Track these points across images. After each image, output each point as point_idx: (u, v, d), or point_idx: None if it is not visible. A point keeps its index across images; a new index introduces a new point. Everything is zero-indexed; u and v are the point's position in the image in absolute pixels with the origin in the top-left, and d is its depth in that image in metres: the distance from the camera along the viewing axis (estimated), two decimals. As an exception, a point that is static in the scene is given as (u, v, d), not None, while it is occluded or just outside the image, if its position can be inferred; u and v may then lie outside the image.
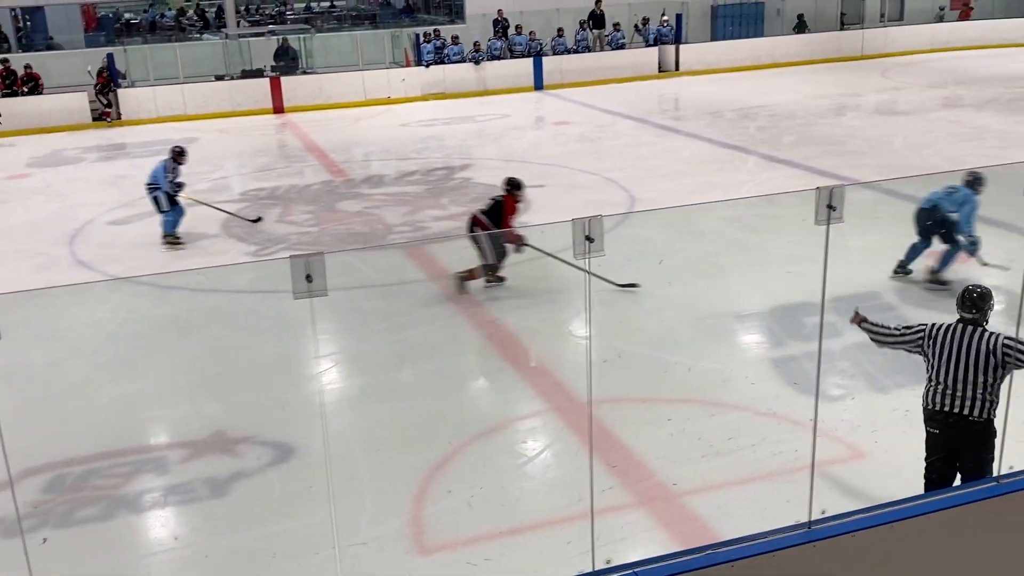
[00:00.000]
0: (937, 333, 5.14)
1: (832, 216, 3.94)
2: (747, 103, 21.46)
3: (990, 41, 28.81)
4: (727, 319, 8.93)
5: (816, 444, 4.71)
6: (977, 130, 17.27)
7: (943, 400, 5.06)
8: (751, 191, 13.59)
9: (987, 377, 4.96)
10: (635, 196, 13.56)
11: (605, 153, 17.02)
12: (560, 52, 26.19)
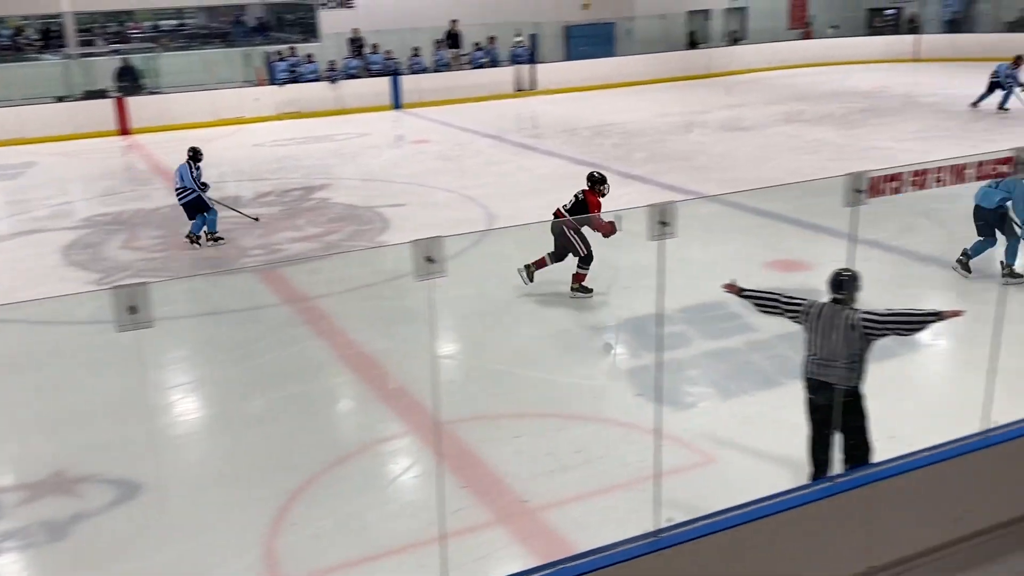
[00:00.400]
0: (812, 310, 5.62)
1: (665, 232, 4.04)
2: (601, 121, 21.97)
3: (826, 59, 30.44)
4: (582, 333, 9.07)
5: (664, 452, 4.83)
6: (815, 143, 18.16)
7: (817, 370, 5.60)
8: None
9: (852, 350, 5.46)
10: (494, 213, 13.66)
11: (464, 171, 17.11)
12: (417, 71, 26.24)
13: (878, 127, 19.72)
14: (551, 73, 27.48)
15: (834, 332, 5.49)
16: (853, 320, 5.45)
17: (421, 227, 12.31)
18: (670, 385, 7.52)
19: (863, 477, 4.93)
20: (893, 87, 25.56)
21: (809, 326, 5.62)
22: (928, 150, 16.29)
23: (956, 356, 8.30)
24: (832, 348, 5.50)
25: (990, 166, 4.69)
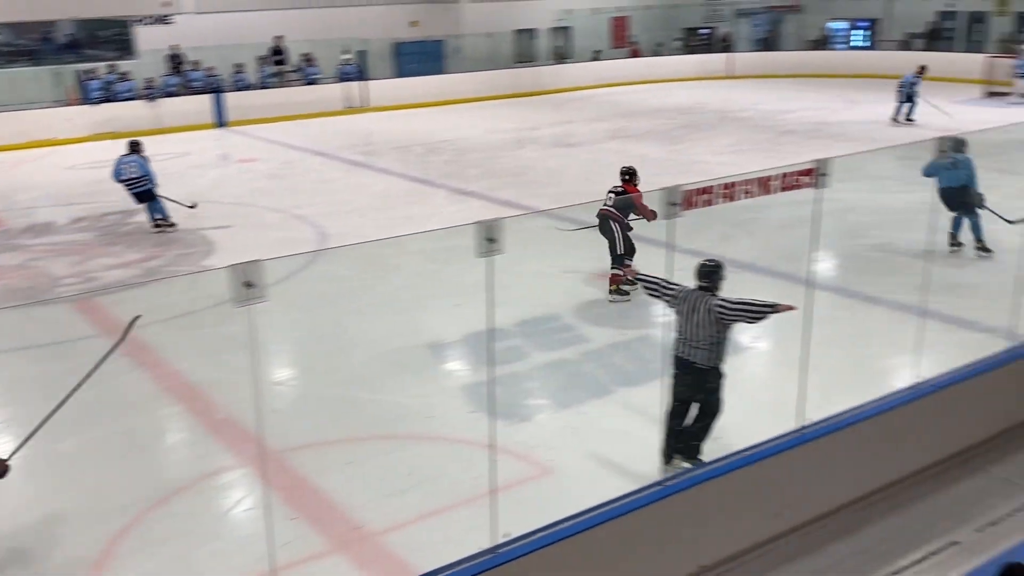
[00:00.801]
0: (681, 295, 6.14)
1: (493, 248, 4.06)
2: (433, 138, 22.01)
3: (647, 77, 31.57)
4: (420, 351, 9.01)
5: (500, 467, 4.84)
6: (639, 158, 18.67)
7: (683, 349, 6.12)
8: (440, 223, 13.89)
9: (710, 333, 5.98)
10: (326, 232, 13.42)
11: (294, 190, 16.73)
12: (242, 88, 25.56)
13: (697, 141, 20.59)
14: (381, 90, 27.34)
15: (696, 316, 6.02)
16: (710, 306, 5.97)
17: (249, 249, 11.94)
18: (506, 399, 7.56)
19: (691, 479, 5.10)
20: (709, 103, 26.76)
21: (679, 310, 6.13)
22: (742, 163, 17.12)
23: (773, 357, 8.71)
24: (695, 331, 6.02)
25: (793, 177, 4.96)
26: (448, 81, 28.65)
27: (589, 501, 4.88)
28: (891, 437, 6.02)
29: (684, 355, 6.11)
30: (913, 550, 5.37)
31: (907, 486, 6.05)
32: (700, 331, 6.00)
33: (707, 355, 6.03)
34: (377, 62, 29.04)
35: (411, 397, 7.69)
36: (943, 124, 20.12)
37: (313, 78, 26.78)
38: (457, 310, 9.55)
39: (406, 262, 11.65)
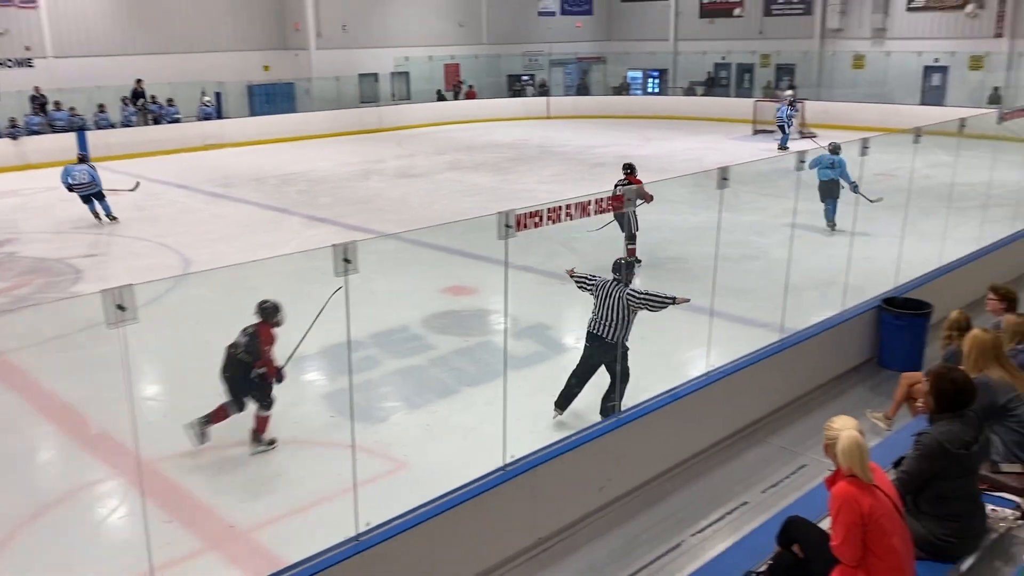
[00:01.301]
0: (599, 284, 6.84)
1: (349, 268, 4.03)
2: (287, 171, 21.48)
3: (477, 116, 31.91)
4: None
5: (360, 464, 4.78)
6: (474, 187, 18.96)
7: (596, 327, 6.76)
8: (298, 247, 13.57)
9: (620, 315, 6.65)
10: (190, 259, 12.86)
11: (158, 220, 15.94)
12: (104, 127, 24.18)
13: (523, 172, 20.98)
14: (237, 128, 26.48)
15: (609, 301, 6.70)
16: (622, 294, 6.65)
17: (116, 276, 11.31)
18: (364, 403, 7.48)
19: (529, 462, 5.18)
20: (532, 139, 27.32)
21: (596, 296, 6.81)
22: (563, 190, 17.58)
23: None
24: (607, 313, 6.70)
25: (606, 202, 5.16)
26: (299, 119, 28.06)
27: (441, 489, 4.89)
28: (690, 418, 6.30)
29: (596, 331, 6.75)
30: (712, 512, 5.64)
31: (704, 458, 6.35)
32: (611, 313, 6.66)
33: (615, 332, 6.66)
34: (233, 102, 28.14)
35: (277, 405, 7.46)
36: (732, 152, 21.25)
37: (174, 117, 25.66)
38: (316, 325, 9.34)
39: (267, 283, 11.29)
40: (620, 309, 6.63)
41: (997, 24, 27.04)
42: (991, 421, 4.96)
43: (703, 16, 34.95)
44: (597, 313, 6.75)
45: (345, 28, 30.33)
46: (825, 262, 9.02)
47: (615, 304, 6.64)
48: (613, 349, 6.65)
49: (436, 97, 32.81)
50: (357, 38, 30.70)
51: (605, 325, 6.69)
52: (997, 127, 10.38)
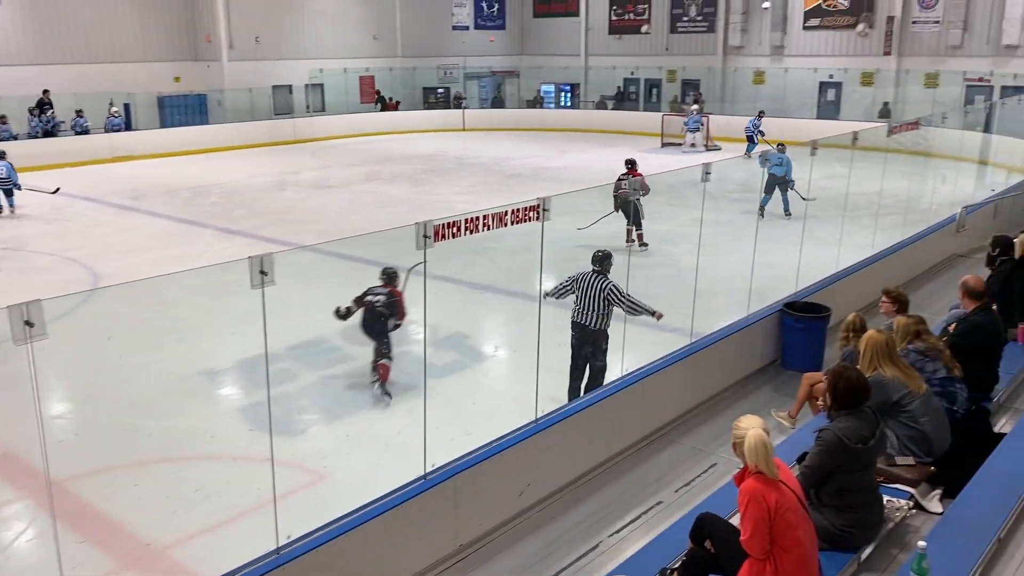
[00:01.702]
0: (578, 279, 7.32)
1: (265, 280, 3.96)
2: (200, 183, 20.94)
3: (393, 128, 31.73)
4: (197, 378, 8.55)
5: (279, 477, 4.69)
6: (391, 198, 18.84)
7: (579, 316, 7.27)
8: (211, 260, 13.24)
9: (601, 306, 7.18)
10: (98, 273, 12.41)
11: (64, 234, 15.32)
12: (6, 138, 23.08)
13: (440, 183, 20.96)
14: (148, 140, 25.66)
15: (591, 291, 7.20)
16: (604, 286, 7.18)
17: (19, 291, 10.80)
18: (282, 416, 7.34)
19: (450, 470, 5.17)
20: (448, 151, 27.32)
21: (577, 288, 7.31)
22: (479, 201, 17.64)
23: (513, 362, 9.02)
24: (588, 303, 7.20)
25: (523, 212, 5.20)
26: (211, 131, 27.37)
27: (362, 499, 4.83)
28: (606, 421, 6.39)
29: (579, 320, 7.29)
30: (628, 513, 5.72)
31: (621, 460, 6.44)
32: (592, 303, 7.18)
33: (597, 321, 7.20)
34: (143, 114, 27.28)
35: (193, 421, 7.28)
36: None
37: (83, 127, 24.70)
38: (232, 338, 9.14)
39: (181, 297, 11.00)
40: (600, 300, 7.16)
41: (885, 43, 28.38)
42: (886, 417, 5.19)
43: (612, 32, 35.62)
44: (579, 303, 7.31)
45: (258, 40, 29.78)
46: (730, 270, 9.29)
47: (596, 295, 7.17)
48: (596, 336, 7.20)
49: (375, 108, 32.69)
50: (270, 50, 30.17)
51: (585, 314, 7.24)
52: (887, 140, 10.89)
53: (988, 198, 13.79)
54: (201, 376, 8.58)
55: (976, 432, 5.75)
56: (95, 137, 24.77)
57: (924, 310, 8.43)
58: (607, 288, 7.19)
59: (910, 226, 11.64)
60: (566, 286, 7.43)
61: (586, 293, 7.24)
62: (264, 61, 29.90)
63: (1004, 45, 25.91)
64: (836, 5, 29.42)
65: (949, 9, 26.94)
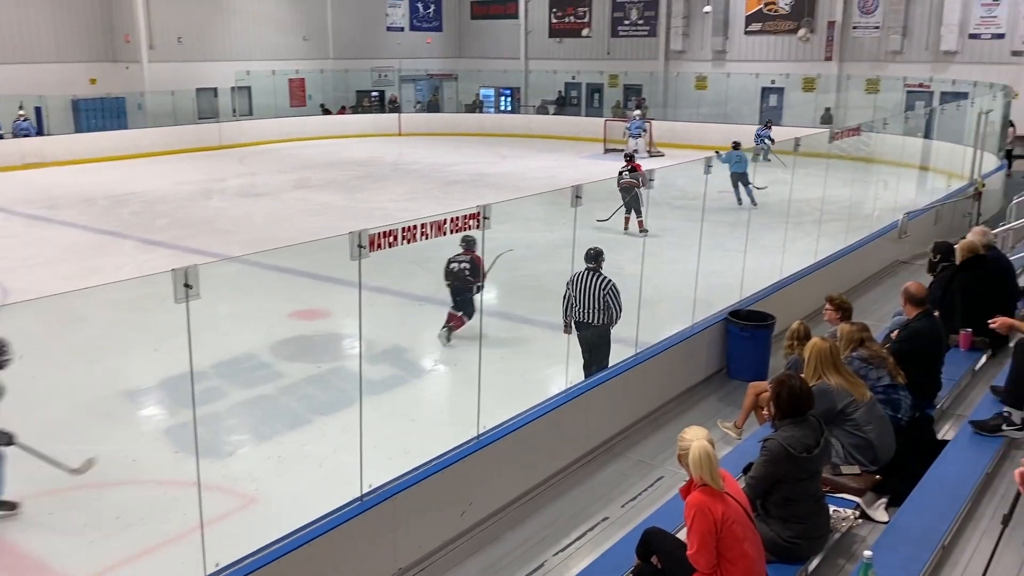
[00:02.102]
0: (574, 278, 7.71)
1: (190, 293, 3.89)
2: (119, 191, 20.45)
3: (325, 133, 31.45)
4: (118, 399, 8.33)
5: (207, 502, 4.60)
6: (323, 206, 18.67)
7: (581, 316, 7.70)
8: (131, 273, 12.94)
9: (598, 301, 7.63)
10: (8, 288, 12.02)
11: (-33, 247, 14.81)
12: (-98, 143, 22.28)
13: (375, 191, 20.84)
14: (61, 145, 24.95)
15: (589, 290, 7.62)
16: (602, 282, 7.65)
17: (-79, 308, 10.40)
18: (209, 437, 7.19)
19: (388, 491, 5.14)
20: (384, 157, 27.18)
21: (573, 288, 7.70)
22: (417, 208, 17.57)
23: (453, 376, 9.01)
24: (588, 301, 7.62)
25: (462, 220, 5.21)
26: (131, 136, 26.76)
27: (295, 523, 4.77)
28: (550, 436, 6.42)
29: (582, 319, 7.68)
30: (574, 530, 5.75)
31: (565, 476, 6.48)
32: (591, 301, 7.63)
33: (600, 316, 7.65)
34: (56, 118, 26.53)
35: (113, 444, 7.09)
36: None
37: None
38: (155, 356, 8.94)
39: (100, 312, 10.71)
40: (598, 296, 7.63)
41: (827, 48, 29.23)
42: (831, 425, 5.33)
43: (552, 36, 35.96)
44: (578, 303, 7.71)
45: (181, 40, 29.26)
46: (674, 278, 9.44)
47: (593, 292, 7.64)
48: (600, 331, 7.67)
49: (320, 112, 32.59)
50: (194, 51, 29.67)
51: (588, 312, 7.67)
52: (829, 146, 11.21)
53: (929, 204, 14.29)
54: (121, 396, 8.37)
55: (920, 439, 5.94)
56: (2, 143, 24.01)
57: (867, 317, 8.69)
58: (606, 285, 7.69)
59: (853, 232, 11.98)
60: (567, 296, 7.79)
61: (583, 292, 7.66)
62: (187, 62, 29.39)
63: (943, 51, 26.92)
64: (777, 10, 30.20)
65: (888, 15, 27.90)
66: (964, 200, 14.93)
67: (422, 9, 37.19)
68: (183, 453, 6.79)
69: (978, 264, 7.70)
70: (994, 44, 26.29)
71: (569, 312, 7.80)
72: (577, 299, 7.72)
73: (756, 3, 30.60)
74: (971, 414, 6.34)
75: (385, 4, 35.75)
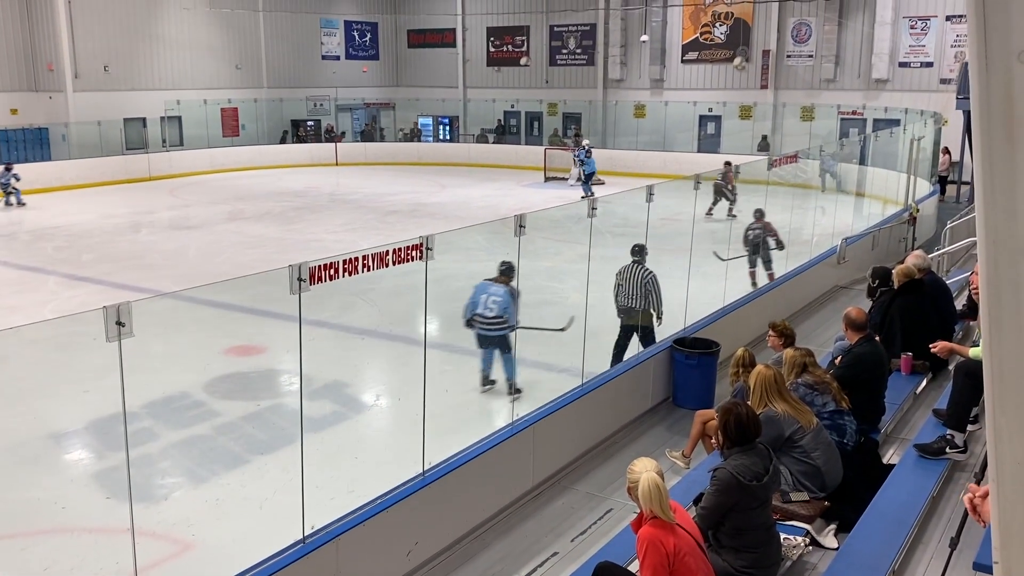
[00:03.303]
0: (622, 270, 9.14)
1: (123, 331, 3.80)
2: (42, 224, 19.93)
3: (259, 163, 31.14)
4: (42, 442, 8.06)
5: (140, 549, 4.46)
6: (258, 238, 18.43)
7: (624, 301, 9.05)
8: (55, 310, 12.58)
9: (641, 289, 8.96)
10: (-79, 328, 11.55)
11: None
12: None
13: (312, 222, 20.67)
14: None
15: (633, 280, 8.96)
16: (644, 273, 8.97)
17: None
18: (141, 481, 6.99)
19: (331, 532, 5.05)
20: (320, 187, 26.99)
21: (620, 278, 9.08)
22: (356, 240, 17.49)
23: (396, 411, 8.92)
24: (632, 289, 8.97)
25: (406, 252, 5.19)
26: (55, 168, 26.13)
27: (234, 568, 4.65)
28: (497, 470, 6.39)
29: (626, 304, 9.01)
30: (523, 567, 5.72)
31: (514, 511, 6.45)
32: (635, 289, 8.95)
33: (641, 302, 8.93)
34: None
35: (39, 491, 6.84)
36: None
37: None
38: (82, 397, 8.69)
39: (23, 352, 10.36)
40: (641, 285, 8.96)
41: (762, 76, 30.05)
42: (779, 453, 5.41)
43: (490, 64, 36.29)
44: (624, 291, 9.05)
45: (107, 68, 28.77)
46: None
47: (637, 282, 8.96)
48: (642, 315, 8.95)
49: (279, 140, 32.46)
50: (121, 79, 29.19)
51: (631, 298, 9.00)
52: (767, 173, 11.48)
53: (866, 230, 14.71)
54: (47, 440, 8.10)
55: (866, 464, 6.07)
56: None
57: (810, 342, 8.88)
58: (647, 275, 8.97)
59: (793, 259, 12.26)
60: (616, 284, 9.15)
61: (628, 280, 9.01)
62: (115, 91, 28.89)
63: (874, 79, 27.89)
64: (713, 39, 30.99)
65: (821, 44, 28.83)
66: (900, 225, 15.42)
67: (358, 38, 37.23)
68: (114, 499, 6.59)
69: (916, 288, 7.93)
70: (923, 72, 27.34)
71: (617, 297, 9.16)
72: (623, 287, 9.06)
73: (692, 32, 31.35)
74: (915, 438, 6.50)
75: (320, 33, 35.71)
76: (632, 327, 9.01)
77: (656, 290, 9.00)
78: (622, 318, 9.09)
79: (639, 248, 9.14)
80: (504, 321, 8.53)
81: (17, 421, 8.43)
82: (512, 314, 8.52)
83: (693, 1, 31.02)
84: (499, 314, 8.48)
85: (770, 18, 29.67)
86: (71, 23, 27.63)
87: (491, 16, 35.89)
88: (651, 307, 8.95)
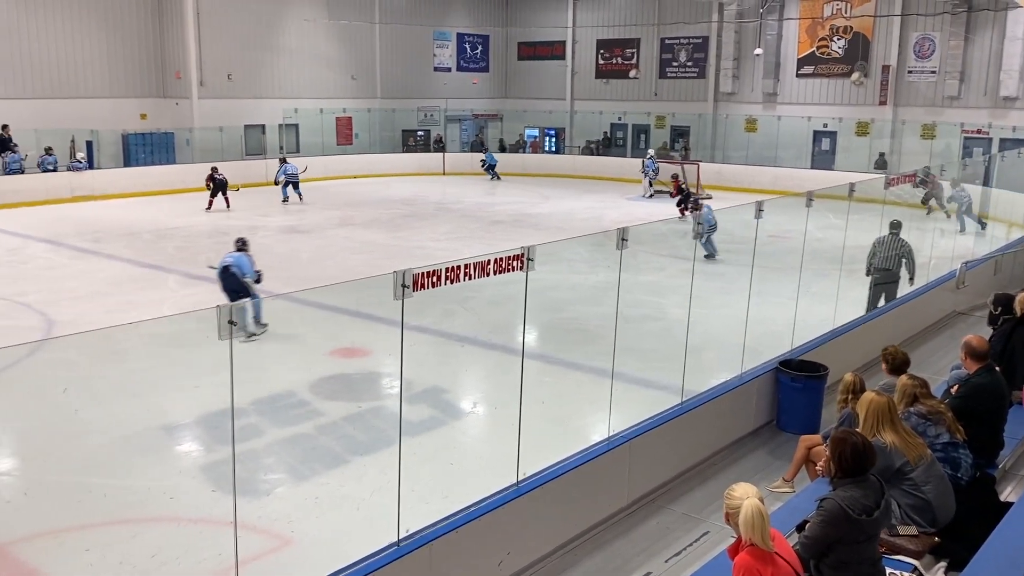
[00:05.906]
0: (881, 239, 11.22)
1: (234, 331, 3.92)
2: (164, 225, 20.89)
3: (370, 171, 31.90)
4: (156, 434, 8.41)
5: (242, 542, 4.60)
6: (366, 244, 18.86)
7: (881, 263, 11.12)
8: (173, 308, 13.14)
9: (896, 256, 11.05)
10: (53, 319, 12.27)
11: (17, 277, 15.19)
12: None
13: (418, 229, 21.02)
14: (110, 179, 25.65)
15: (890, 247, 11.15)
16: (900, 244, 11.19)
17: (-32, 338, 10.65)
18: (246, 475, 7.22)
19: (425, 536, 5.09)
20: (427, 195, 27.47)
21: (879, 245, 11.24)
22: (459, 248, 17.69)
23: (492, 419, 8.96)
24: (889, 255, 11.10)
25: (506, 261, 5.21)
26: (178, 171, 27.38)
27: (330, 567, 4.73)
28: (591, 486, 6.33)
29: (881, 265, 11.11)
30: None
31: (606, 528, 6.37)
32: (891, 254, 10.95)
33: (893, 263, 11.08)
34: (106, 152, 27.30)
35: (150, 480, 7.15)
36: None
37: (48, 167, 24.69)
38: (194, 392, 9.04)
39: (141, 346, 10.87)
40: (896, 252, 11.09)
41: (881, 92, 29.03)
42: (888, 485, 5.18)
43: (599, 77, 36.23)
44: (881, 256, 11.05)
45: (230, 77, 30.01)
46: (721, 325, 9.34)
47: (892, 248, 11.10)
48: (894, 275, 11.10)
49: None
50: (243, 88, 30.39)
51: (886, 260, 11.00)
52: (884, 191, 11.06)
53: (988, 254, 13.99)
54: (160, 432, 8.45)
55: (981, 500, 5.74)
56: (55, 176, 24.75)
57: (924, 370, 8.49)
58: (903, 245, 11.12)
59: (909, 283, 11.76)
60: (872, 250, 11.25)
61: (887, 249, 11.11)
62: (236, 99, 30.11)
63: (1002, 97, 26.57)
64: (830, 53, 30.13)
65: (946, 59, 27.66)
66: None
67: (469, 50, 37.76)
68: (220, 491, 6.82)
69: (1042, 317, 7.50)
70: (1056, 90, 25.92)
71: (871, 260, 11.21)
72: (880, 252, 11.07)
73: (808, 46, 30.57)
74: (1036, 475, 6.12)
75: (433, 45, 36.38)
76: (883, 284, 11.14)
77: (910, 256, 11.18)
78: (877, 277, 11.20)
79: (897, 223, 11.33)
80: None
81: (133, 412, 8.84)
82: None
83: (810, 15, 30.25)
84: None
85: (891, 33, 28.65)
86: (199, 34, 28.96)
87: (601, 29, 35.87)
88: (906, 268, 11.17)
